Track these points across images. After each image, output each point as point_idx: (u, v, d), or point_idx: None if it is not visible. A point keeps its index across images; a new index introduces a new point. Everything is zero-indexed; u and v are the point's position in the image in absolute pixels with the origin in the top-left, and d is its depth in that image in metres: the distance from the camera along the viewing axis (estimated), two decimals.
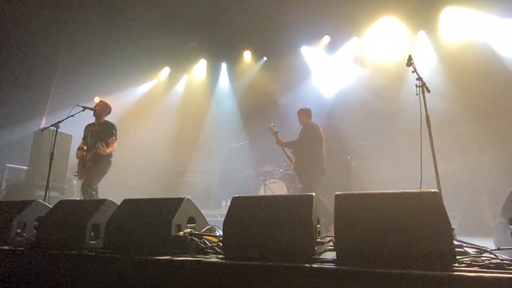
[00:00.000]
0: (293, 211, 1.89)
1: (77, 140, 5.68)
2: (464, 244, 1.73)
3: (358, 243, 1.67)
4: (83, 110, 4.42)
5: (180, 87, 9.26)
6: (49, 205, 2.94)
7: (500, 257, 1.54)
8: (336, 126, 6.97)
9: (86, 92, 8.28)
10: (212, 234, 2.36)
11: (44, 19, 7.22)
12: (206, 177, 7.32)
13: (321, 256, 1.77)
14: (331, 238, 1.86)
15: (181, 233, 2.11)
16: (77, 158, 4.53)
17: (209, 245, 2.10)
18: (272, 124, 5.24)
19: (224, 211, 6.62)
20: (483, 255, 1.63)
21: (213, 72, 8.90)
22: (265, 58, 8.45)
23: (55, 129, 4.21)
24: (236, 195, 2.14)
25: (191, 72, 9.15)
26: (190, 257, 1.90)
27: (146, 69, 8.94)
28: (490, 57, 5.99)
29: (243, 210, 2.04)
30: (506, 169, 4.93)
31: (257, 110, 7.79)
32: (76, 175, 4.48)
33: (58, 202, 2.73)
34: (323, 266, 1.59)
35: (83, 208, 2.57)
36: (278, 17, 7.13)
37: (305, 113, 5.20)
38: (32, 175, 6.37)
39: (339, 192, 1.89)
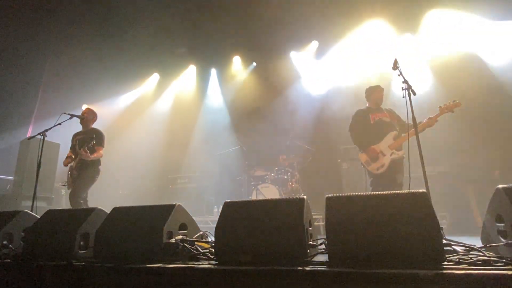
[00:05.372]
0: (285, 215, 1.90)
1: (65, 148, 5.60)
2: (452, 243, 1.76)
3: (349, 245, 1.69)
4: (70, 118, 4.35)
5: (169, 93, 9.23)
6: (37, 216, 2.88)
7: (487, 254, 1.57)
8: (326, 130, 7.05)
9: (73, 100, 8.18)
10: (204, 240, 2.35)
11: (31, 26, 7.13)
12: (197, 183, 7.27)
13: (313, 259, 1.77)
14: (323, 240, 1.87)
15: (173, 240, 2.10)
16: (64, 165, 4.44)
17: (201, 251, 2.09)
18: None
19: (216, 217, 6.58)
20: (471, 252, 1.66)
21: (203, 78, 8.90)
22: (254, 64, 8.49)
23: (42, 137, 4.14)
24: (228, 200, 2.14)
25: (180, 78, 9.13)
26: (182, 264, 1.89)
27: (135, 75, 8.89)
28: (475, 61, 6.15)
29: (235, 215, 2.04)
30: (492, 170, 5.05)
31: (247, 115, 7.81)
32: (64, 185, 4.39)
33: (46, 212, 2.67)
34: (316, 268, 1.59)
35: (72, 218, 2.52)
36: (266, 22, 7.20)
37: None
38: (18, 186, 6.22)
39: (330, 194, 1.91)
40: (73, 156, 4.47)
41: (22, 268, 2.21)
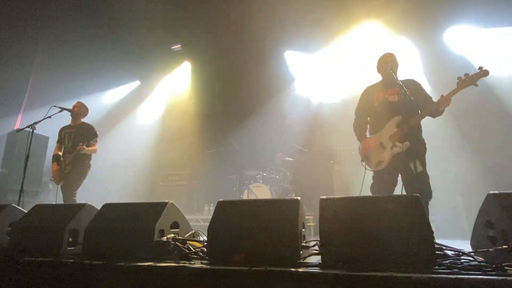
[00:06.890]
0: (279, 216, 1.89)
1: (54, 142, 5.49)
2: (443, 247, 1.78)
3: (342, 247, 1.69)
4: (60, 111, 4.30)
5: (162, 89, 9.13)
6: (24, 210, 2.81)
7: (477, 259, 1.59)
8: (319, 131, 7.08)
9: (64, 93, 8.02)
10: (196, 239, 2.33)
11: (22, 14, 6.96)
12: (188, 181, 7.22)
13: (306, 260, 1.77)
14: (316, 242, 1.87)
15: (164, 238, 2.07)
16: (53, 171, 4.27)
17: (193, 250, 2.07)
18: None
19: (207, 215, 6.53)
20: (462, 257, 1.68)
21: (197, 75, 8.82)
22: (248, 62, 8.44)
23: (31, 130, 4.06)
24: (221, 200, 2.12)
25: (174, 74, 9.04)
26: (173, 263, 1.86)
27: (128, 69, 8.77)
28: (467, 67, 6.24)
29: (228, 214, 2.02)
30: (481, 175, 5.15)
31: (240, 114, 7.78)
32: (53, 180, 4.31)
33: (34, 206, 2.62)
34: (308, 270, 1.59)
35: (61, 213, 2.47)
36: (262, 20, 7.17)
37: None
38: (5, 179, 6.08)
39: (324, 197, 1.91)
40: (60, 153, 4.38)
41: (7, 264, 2.16)
